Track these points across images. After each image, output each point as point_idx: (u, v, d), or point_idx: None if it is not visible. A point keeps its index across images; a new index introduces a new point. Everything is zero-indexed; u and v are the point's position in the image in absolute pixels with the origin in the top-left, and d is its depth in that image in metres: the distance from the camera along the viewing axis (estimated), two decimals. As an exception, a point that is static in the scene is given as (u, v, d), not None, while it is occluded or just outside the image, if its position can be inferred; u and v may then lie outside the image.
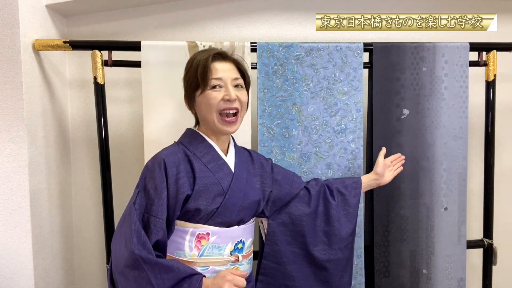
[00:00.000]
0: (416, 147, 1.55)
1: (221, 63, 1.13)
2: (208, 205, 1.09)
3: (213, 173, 1.12)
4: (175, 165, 1.08)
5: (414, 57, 1.54)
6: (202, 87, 1.10)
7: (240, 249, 1.16)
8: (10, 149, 1.38)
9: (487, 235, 1.64)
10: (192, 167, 1.10)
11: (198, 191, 1.08)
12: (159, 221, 1.03)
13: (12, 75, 1.37)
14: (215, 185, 1.11)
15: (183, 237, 1.10)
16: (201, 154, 1.14)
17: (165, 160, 1.07)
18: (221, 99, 1.09)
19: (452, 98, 1.55)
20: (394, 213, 1.55)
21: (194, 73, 1.11)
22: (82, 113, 1.75)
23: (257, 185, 1.23)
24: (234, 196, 1.13)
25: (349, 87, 1.51)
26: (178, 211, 1.07)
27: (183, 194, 1.06)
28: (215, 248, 1.11)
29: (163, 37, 1.74)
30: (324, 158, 1.51)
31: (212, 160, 1.14)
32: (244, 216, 1.17)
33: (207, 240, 1.10)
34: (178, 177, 1.07)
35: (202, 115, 1.14)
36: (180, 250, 1.10)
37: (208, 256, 1.10)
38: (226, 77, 1.11)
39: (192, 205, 1.07)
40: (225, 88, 1.10)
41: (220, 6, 1.77)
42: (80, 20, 1.73)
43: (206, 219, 1.10)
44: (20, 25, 1.36)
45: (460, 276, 1.58)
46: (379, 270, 1.55)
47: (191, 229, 1.09)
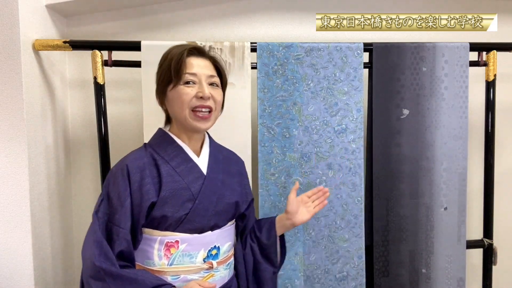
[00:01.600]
0: (416, 147, 1.55)
1: (197, 59, 1.07)
2: (175, 212, 1.03)
3: (182, 177, 1.06)
4: (140, 171, 1.03)
5: (414, 57, 1.54)
6: (175, 82, 1.04)
7: (214, 256, 1.09)
8: (10, 149, 1.38)
9: (487, 235, 1.65)
10: (159, 171, 1.05)
11: (165, 197, 1.02)
12: (122, 231, 0.98)
13: (12, 75, 1.37)
14: (183, 190, 1.05)
15: (151, 246, 1.04)
16: (169, 157, 1.07)
17: (128, 166, 1.02)
18: (194, 95, 1.04)
19: (452, 98, 1.56)
20: (394, 213, 1.55)
21: (167, 67, 1.05)
22: (82, 113, 1.75)
23: (236, 185, 1.16)
24: (206, 201, 1.07)
25: (349, 87, 1.51)
26: (143, 219, 1.01)
27: (148, 202, 1.00)
28: (185, 256, 1.05)
29: (163, 37, 1.74)
30: (325, 158, 1.51)
31: (181, 163, 1.08)
32: (219, 221, 1.10)
33: (176, 248, 1.04)
34: (142, 183, 1.01)
35: (173, 111, 1.08)
36: (149, 259, 1.04)
37: (179, 265, 1.04)
38: (201, 73, 1.05)
39: (157, 212, 1.02)
40: (199, 85, 1.05)
41: (220, 6, 1.77)
42: (80, 20, 1.72)
43: (175, 226, 1.04)
44: (20, 25, 1.36)
45: (459, 276, 1.58)
46: (378, 270, 1.55)
47: (159, 237, 1.04)
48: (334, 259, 1.52)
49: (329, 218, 1.51)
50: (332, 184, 1.51)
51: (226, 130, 1.49)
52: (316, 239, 1.51)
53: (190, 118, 1.05)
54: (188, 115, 1.05)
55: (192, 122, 1.05)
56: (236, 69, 1.49)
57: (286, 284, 1.50)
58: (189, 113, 1.05)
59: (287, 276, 1.50)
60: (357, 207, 1.52)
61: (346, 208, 1.51)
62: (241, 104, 1.50)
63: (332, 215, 1.51)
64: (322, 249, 1.51)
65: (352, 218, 1.52)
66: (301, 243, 1.50)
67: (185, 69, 1.04)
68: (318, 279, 1.51)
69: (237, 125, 1.50)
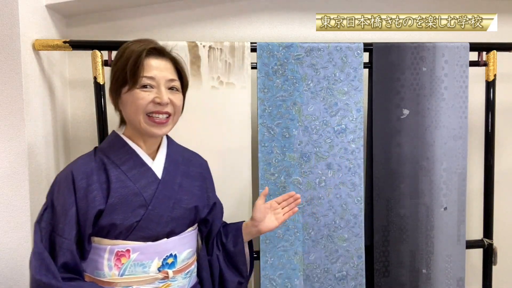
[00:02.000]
0: (416, 147, 1.55)
1: (156, 60, 0.99)
2: (125, 219, 0.96)
3: (134, 182, 0.99)
4: (86, 177, 0.96)
5: (414, 57, 1.54)
6: (130, 85, 0.96)
7: (171, 264, 1.02)
8: (10, 149, 1.38)
9: (487, 235, 1.65)
10: (108, 177, 0.98)
11: (113, 204, 0.96)
12: (66, 241, 0.92)
13: (12, 75, 1.37)
14: (134, 196, 0.98)
15: (101, 256, 0.97)
16: (121, 161, 1.00)
17: (73, 173, 0.96)
18: (150, 100, 0.97)
19: (452, 98, 1.55)
20: (394, 213, 1.55)
21: (123, 66, 0.96)
22: (82, 113, 1.75)
23: (196, 189, 1.10)
24: (160, 206, 1.00)
25: (349, 87, 1.51)
26: (90, 228, 0.95)
27: (94, 209, 0.94)
28: (138, 266, 0.98)
29: (163, 37, 1.74)
30: (325, 158, 1.51)
31: (133, 167, 1.01)
32: (176, 227, 1.03)
33: (127, 258, 0.97)
34: (88, 190, 0.95)
35: (127, 115, 1.01)
36: (99, 269, 0.98)
37: (131, 275, 0.97)
38: (160, 76, 0.98)
39: (106, 220, 0.95)
40: (157, 90, 0.97)
41: (220, 6, 1.77)
42: (80, 20, 1.72)
43: (126, 234, 0.97)
44: (20, 25, 1.36)
45: (459, 276, 1.58)
46: (379, 270, 1.55)
47: (108, 247, 0.97)
48: (333, 259, 1.52)
49: (328, 218, 1.51)
50: (331, 184, 1.51)
51: (226, 130, 1.50)
52: (316, 238, 1.51)
53: (145, 123, 0.98)
54: (142, 120, 0.98)
55: (147, 128, 0.99)
56: (236, 69, 1.49)
57: (285, 283, 1.50)
58: (143, 118, 0.98)
59: (287, 275, 1.50)
60: (357, 206, 1.52)
61: (346, 208, 1.52)
62: (241, 104, 1.50)
63: (332, 214, 1.51)
64: (322, 249, 1.51)
65: (352, 217, 1.52)
66: (300, 243, 1.50)
67: (143, 71, 0.96)
68: (317, 278, 1.52)
69: (237, 125, 1.50)
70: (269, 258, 1.49)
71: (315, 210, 1.50)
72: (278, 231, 1.49)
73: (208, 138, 1.49)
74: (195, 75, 1.47)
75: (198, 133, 1.48)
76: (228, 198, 1.49)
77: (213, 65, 1.48)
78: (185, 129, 1.47)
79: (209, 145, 1.49)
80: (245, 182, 1.50)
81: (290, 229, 1.50)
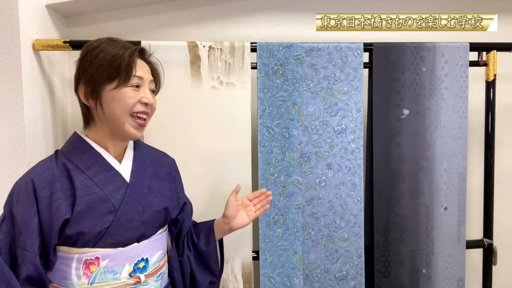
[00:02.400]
0: (416, 147, 1.55)
1: (142, 62, 1.01)
2: (93, 227, 0.93)
3: (101, 188, 0.95)
4: (49, 185, 0.91)
5: (414, 57, 1.54)
6: (120, 82, 0.94)
7: (142, 268, 1.00)
8: (10, 149, 1.38)
9: (487, 235, 1.64)
10: (72, 184, 0.93)
11: (80, 212, 0.92)
12: (28, 254, 0.88)
13: (12, 75, 1.37)
14: (102, 202, 0.95)
15: (68, 265, 0.93)
16: (85, 165, 0.96)
17: (34, 181, 0.91)
18: (138, 100, 0.97)
19: (452, 98, 1.55)
20: (394, 213, 1.55)
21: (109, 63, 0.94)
22: (82, 113, 1.75)
23: (166, 190, 1.08)
24: (130, 211, 0.97)
25: (349, 87, 1.51)
26: (56, 239, 0.91)
27: (60, 220, 0.90)
28: (108, 273, 0.95)
29: (163, 37, 1.74)
30: (325, 158, 1.51)
31: (99, 171, 0.97)
32: (146, 231, 1.01)
33: (97, 266, 0.94)
34: (52, 199, 0.90)
35: (109, 114, 0.96)
36: (67, 279, 0.94)
37: (101, 283, 0.94)
38: (146, 78, 0.99)
39: (72, 229, 0.91)
40: (143, 90, 0.98)
41: (220, 6, 1.77)
42: (80, 20, 1.73)
43: (94, 242, 0.94)
44: (20, 25, 1.36)
45: (459, 276, 1.58)
46: (379, 270, 1.55)
47: (76, 255, 0.93)
48: (333, 259, 1.52)
49: (328, 218, 1.51)
50: (331, 184, 1.51)
51: (226, 130, 1.50)
52: (316, 238, 1.51)
53: (129, 124, 0.97)
54: (127, 121, 0.97)
55: (129, 128, 0.97)
56: (236, 69, 1.49)
57: (284, 282, 1.50)
58: (128, 118, 0.97)
59: (286, 274, 1.50)
60: (357, 206, 1.52)
61: (346, 208, 1.52)
62: (241, 104, 1.50)
63: (332, 214, 1.51)
64: (322, 249, 1.51)
65: (352, 217, 1.52)
66: (300, 242, 1.51)
67: (135, 71, 0.96)
68: (317, 278, 1.52)
69: (237, 125, 1.50)
70: (268, 256, 1.49)
71: (315, 210, 1.50)
72: (278, 230, 1.49)
73: (208, 138, 1.49)
74: (195, 75, 1.47)
75: (198, 133, 1.48)
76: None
77: (213, 65, 1.48)
78: (185, 129, 1.47)
79: (209, 145, 1.49)
80: (245, 182, 1.50)
81: (290, 229, 1.50)
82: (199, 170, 1.47)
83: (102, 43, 0.99)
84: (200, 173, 1.47)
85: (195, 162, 1.47)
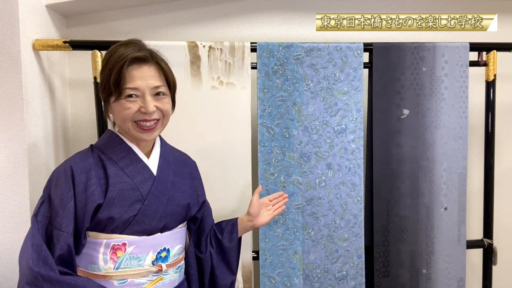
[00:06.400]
0: (416, 147, 1.55)
1: (139, 69, 0.99)
2: (123, 213, 0.99)
3: (131, 178, 1.02)
4: (85, 172, 0.98)
5: (414, 57, 1.54)
6: (116, 96, 0.98)
7: (164, 258, 1.05)
8: (10, 149, 1.38)
9: (487, 235, 1.65)
10: (106, 172, 1.00)
11: (112, 198, 0.98)
12: (63, 234, 0.93)
13: (12, 75, 1.37)
14: (132, 191, 1.01)
15: (96, 250, 0.99)
16: (118, 157, 1.03)
17: (73, 167, 0.98)
18: (137, 110, 0.99)
19: (452, 98, 1.55)
20: (394, 213, 1.55)
21: (107, 78, 0.98)
22: (82, 113, 1.75)
23: (187, 187, 1.14)
24: (156, 202, 1.04)
25: (349, 87, 1.51)
26: (88, 222, 0.96)
27: (93, 204, 0.96)
28: (133, 259, 1.01)
29: (163, 37, 1.74)
30: (325, 158, 1.51)
31: (130, 163, 1.04)
32: (169, 222, 1.07)
33: (123, 251, 1.00)
34: (87, 184, 0.97)
35: (117, 122, 1.05)
36: (94, 264, 0.99)
37: (126, 268, 1.00)
38: (144, 86, 0.98)
39: (104, 214, 0.97)
40: (142, 99, 0.99)
41: (220, 6, 1.77)
42: (80, 20, 1.73)
43: (122, 228, 1.00)
44: (20, 25, 1.36)
45: (459, 276, 1.58)
46: (378, 270, 1.55)
47: (105, 241, 0.99)
48: (333, 259, 1.52)
49: (328, 218, 1.51)
50: (331, 184, 1.51)
51: (226, 130, 1.50)
52: (316, 238, 1.51)
53: (134, 130, 1.01)
54: (131, 128, 1.01)
55: (137, 134, 1.02)
56: (236, 69, 1.49)
57: (284, 282, 1.50)
58: (132, 125, 1.01)
59: (286, 274, 1.50)
60: (357, 206, 1.52)
61: (346, 208, 1.52)
62: (241, 104, 1.50)
63: (332, 214, 1.51)
64: (322, 249, 1.51)
65: (352, 217, 1.52)
66: (300, 242, 1.51)
67: (125, 83, 0.97)
68: (317, 278, 1.52)
69: (237, 125, 1.50)
70: (268, 256, 1.49)
71: (315, 210, 1.51)
72: (278, 230, 1.49)
73: (208, 138, 1.49)
74: (195, 75, 1.47)
75: (198, 133, 1.48)
76: (228, 197, 1.50)
77: (213, 65, 1.48)
78: (185, 129, 1.47)
79: (209, 145, 1.49)
80: (245, 182, 1.50)
81: (290, 229, 1.50)
82: (199, 170, 1.47)
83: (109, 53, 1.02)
84: (200, 172, 1.47)
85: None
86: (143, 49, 1.03)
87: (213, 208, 1.27)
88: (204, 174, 1.26)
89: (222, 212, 1.47)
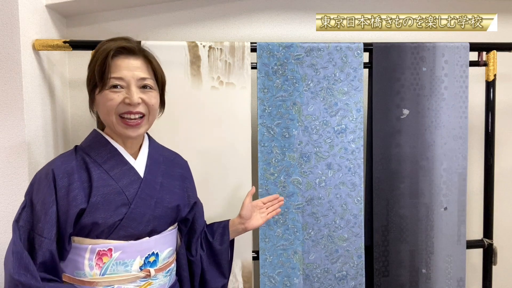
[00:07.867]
0: (416, 147, 1.55)
1: (126, 59, 0.98)
2: (108, 218, 0.95)
3: (116, 181, 0.98)
4: (67, 175, 0.95)
5: (414, 57, 1.54)
6: (100, 86, 0.96)
7: (152, 263, 1.02)
8: (10, 149, 1.38)
9: (487, 235, 1.65)
10: (89, 176, 0.97)
11: (95, 203, 0.95)
12: (45, 240, 0.91)
13: (12, 75, 1.37)
14: (117, 195, 0.97)
15: (81, 255, 0.96)
16: (102, 160, 1.00)
17: (54, 171, 0.95)
18: (121, 101, 0.96)
19: (452, 98, 1.55)
20: (394, 213, 1.55)
21: (93, 69, 0.97)
22: (82, 113, 1.75)
23: (177, 189, 1.10)
24: (143, 205, 1.00)
25: (349, 87, 1.51)
26: (71, 228, 0.94)
27: (76, 208, 0.93)
28: (120, 265, 0.98)
29: (163, 37, 1.74)
30: (325, 158, 1.51)
31: (115, 166, 1.00)
32: (157, 226, 1.03)
33: (109, 257, 0.97)
34: (69, 189, 0.94)
35: (101, 116, 1.01)
36: (80, 269, 0.96)
37: (112, 274, 0.97)
38: (129, 76, 0.96)
39: (88, 219, 0.94)
40: (127, 90, 0.96)
41: (220, 6, 1.77)
42: (80, 20, 1.73)
43: (108, 233, 0.97)
44: (20, 25, 1.36)
45: (459, 276, 1.58)
46: (378, 270, 1.55)
47: (90, 246, 0.96)
48: (333, 259, 1.52)
49: (328, 218, 1.51)
50: (331, 184, 1.51)
51: (226, 130, 1.50)
52: (316, 238, 1.51)
53: (118, 125, 0.98)
54: (115, 122, 0.98)
55: (121, 129, 0.99)
56: (236, 69, 1.49)
57: (284, 281, 1.50)
58: (116, 119, 0.98)
59: (286, 274, 1.50)
60: (357, 206, 1.52)
61: (346, 208, 1.52)
62: (241, 104, 1.50)
63: (332, 214, 1.51)
64: (322, 249, 1.51)
65: (352, 217, 1.52)
66: (300, 242, 1.51)
67: (110, 73, 0.95)
68: (317, 278, 1.52)
69: (237, 125, 1.50)
70: (268, 256, 1.49)
71: (315, 210, 1.51)
72: (278, 230, 1.49)
73: (208, 138, 1.49)
74: (195, 75, 1.47)
75: (198, 133, 1.48)
76: (227, 197, 1.50)
77: (213, 65, 1.48)
78: (185, 128, 1.47)
79: (209, 145, 1.49)
80: (245, 182, 1.50)
81: (290, 229, 1.50)
82: (199, 170, 1.47)
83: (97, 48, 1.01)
84: (200, 173, 1.47)
85: (194, 162, 1.47)
86: (131, 42, 1.02)
87: (213, 208, 1.27)
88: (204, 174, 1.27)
89: (222, 212, 1.47)
